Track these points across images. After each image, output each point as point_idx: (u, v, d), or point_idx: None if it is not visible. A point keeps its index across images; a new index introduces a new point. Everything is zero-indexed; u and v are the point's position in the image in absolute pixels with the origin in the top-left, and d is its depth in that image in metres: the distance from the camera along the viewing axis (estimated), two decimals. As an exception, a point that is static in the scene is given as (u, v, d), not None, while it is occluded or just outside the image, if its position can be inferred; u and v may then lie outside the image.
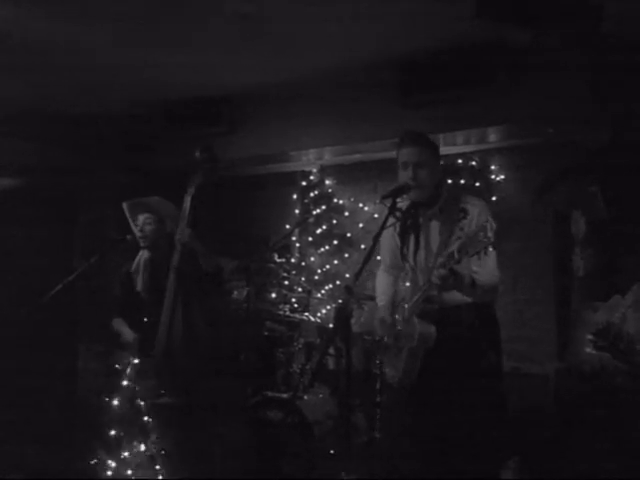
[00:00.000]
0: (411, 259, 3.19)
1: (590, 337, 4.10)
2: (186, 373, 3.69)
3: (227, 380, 3.92)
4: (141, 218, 3.93)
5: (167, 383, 3.67)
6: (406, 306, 3.14)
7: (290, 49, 4.57)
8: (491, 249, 2.73)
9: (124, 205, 4.03)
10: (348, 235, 6.31)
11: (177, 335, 3.70)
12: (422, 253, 3.14)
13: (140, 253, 4.03)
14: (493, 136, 5.20)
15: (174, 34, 4.26)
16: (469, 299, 3.03)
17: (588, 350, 4.15)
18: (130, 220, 4.01)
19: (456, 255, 2.78)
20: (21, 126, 5.70)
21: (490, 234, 2.66)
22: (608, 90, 4.27)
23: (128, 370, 3.88)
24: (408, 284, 3.26)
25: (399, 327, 3.15)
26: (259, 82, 5.28)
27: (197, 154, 3.83)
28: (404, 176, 3.11)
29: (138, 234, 3.92)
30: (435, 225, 3.12)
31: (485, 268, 2.97)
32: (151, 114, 5.98)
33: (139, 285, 3.96)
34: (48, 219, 6.24)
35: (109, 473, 3.91)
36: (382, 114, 5.16)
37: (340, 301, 2.81)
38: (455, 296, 3.02)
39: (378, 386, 4.47)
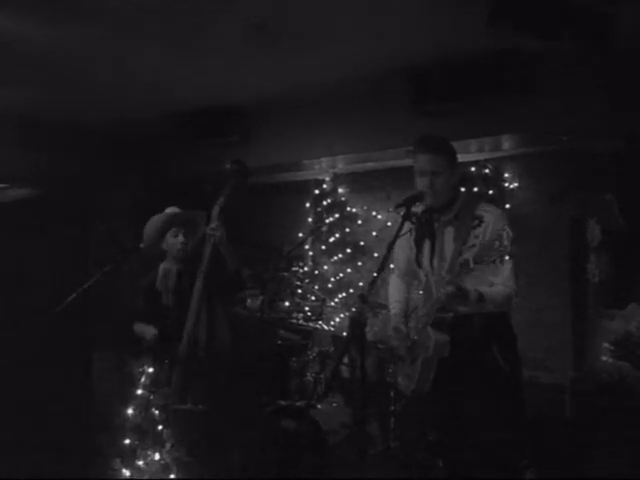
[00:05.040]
0: (426, 266, 3.17)
1: (609, 346, 4.06)
2: (209, 379, 3.70)
3: (243, 388, 3.92)
4: (181, 231, 3.93)
5: (190, 389, 3.68)
6: (420, 315, 3.12)
7: (303, 58, 4.58)
8: (507, 258, 2.70)
9: (160, 217, 4.01)
10: (361, 243, 6.30)
11: (201, 340, 3.73)
12: (436, 260, 3.12)
13: (162, 265, 4.02)
14: (507, 144, 5.18)
15: (187, 45, 4.29)
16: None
17: (605, 359, 4.11)
18: (161, 232, 3.98)
19: (471, 264, 2.76)
20: (36, 137, 5.74)
21: (506, 243, 2.64)
22: (622, 98, 4.25)
23: (143, 379, 3.89)
24: (421, 292, 3.24)
25: (414, 336, 3.13)
26: (272, 91, 5.30)
27: (228, 166, 3.88)
28: (421, 184, 3.07)
29: (178, 246, 3.92)
30: (450, 231, 3.07)
31: (500, 278, 2.94)
32: (165, 125, 6.01)
33: (166, 297, 3.96)
34: (63, 229, 6.28)
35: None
36: (395, 122, 5.16)
37: (354, 310, 2.79)
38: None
39: (392, 395, 4.45)
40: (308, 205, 6.59)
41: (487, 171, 5.51)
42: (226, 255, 3.77)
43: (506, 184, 5.50)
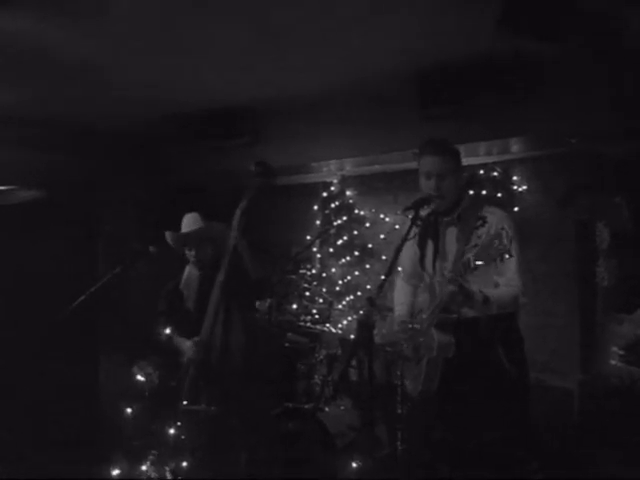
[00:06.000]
0: (429, 267, 3.17)
1: (619, 351, 4.05)
2: (222, 381, 3.71)
3: (254, 391, 3.92)
4: (194, 247, 3.94)
5: (203, 390, 3.69)
6: (424, 316, 3.12)
7: (311, 61, 4.58)
8: (507, 256, 2.69)
9: (171, 235, 3.99)
10: (369, 246, 6.30)
11: (216, 344, 3.75)
12: (439, 261, 3.12)
13: (187, 269, 4.05)
14: (515, 147, 5.17)
15: (194, 46, 4.29)
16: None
17: (613, 363, 4.10)
18: (177, 247, 3.99)
19: (472, 264, 2.75)
20: (40, 138, 5.75)
21: (505, 242, 2.63)
22: (632, 100, 4.23)
23: (152, 380, 3.93)
24: (426, 294, 3.24)
25: (420, 338, 3.13)
26: (280, 94, 5.30)
27: (252, 168, 3.87)
28: (427, 186, 3.08)
29: (192, 259, 3.93)
30: (452, 232, 3.08)
31: (505, 277, 2.93)
32: (173, 127, 6.02)
33: (189, 301, 3.98)
34: (72, 230, 6.30)
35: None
36: (403, 125, 5.16)
37: (362, 313, 2.79)
38: None
39: (400, 398, 4.45)
40: (316, 208, 6.60)
41: (495, 174, 5.51)
42: (248, 264, 3.76)
43: (514, 187, 5.49)
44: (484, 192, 5.40)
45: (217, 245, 3.89)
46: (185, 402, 3.67)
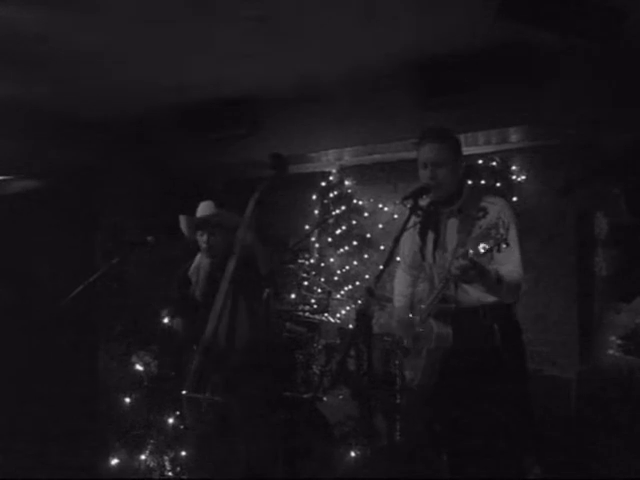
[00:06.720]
0: (429, 258, 3.16)
1: (618, 340, 4.05)
2: (227, 371, 3.71)
3: (256, 380, 3.91)
4: (206, 232, 3.94)
5: (208, 379, 3.69)
6: (423, 307, 3.12)
7: (310, 51, 4.57)
8: (504, 246, 2.67)
9: (183, 219, 3.96)
10: (368, 236, 6.30)
11: (222, 334, 3.74)
12: (440, 252, 3.10)
13: (198, 257, 4.05)
14: (514, 137, 5.17)
15: (193, 36, 4.27)
16: (486, 300, 2.99)
17: (611, 352, 4.10)
18: (190, 232, 3.98)
19: (470, 253, 2.73)
20: (40, 129, 5.74)
21: (502, 231, 2.60)
22: (631, 91, 4.22)
23: (150, 369, 3.92)
24: (426, 284, 3.23)
25: (419, 328, 3.13)
26: (279, 83, 5.29)
27: (267, 160, 3.87)
28: (424, 175, 3.07)
29: (204, 245, 3.93)
30: (453, 223, 3.06)
31: (505, 266, 2.92)
32: (171, 117, 6.00)
33: (196, 288, 3.98)
34: (69, 221, 6.29)
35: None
36: (402, 115, 5.15)
37: (361, 302, 2.78)
38: (472, 296, 2.99)
39: (398, 388, 4.46)
40: (314, 197, 6.58)
41: (494, 164, 5.50)
42: (259, 258, 3.74)
43: (513, 177, 5.48)
44: (483, 182, 5.39)
45: (229, 234, 3.88)
46: (186, 391, 3.68)
